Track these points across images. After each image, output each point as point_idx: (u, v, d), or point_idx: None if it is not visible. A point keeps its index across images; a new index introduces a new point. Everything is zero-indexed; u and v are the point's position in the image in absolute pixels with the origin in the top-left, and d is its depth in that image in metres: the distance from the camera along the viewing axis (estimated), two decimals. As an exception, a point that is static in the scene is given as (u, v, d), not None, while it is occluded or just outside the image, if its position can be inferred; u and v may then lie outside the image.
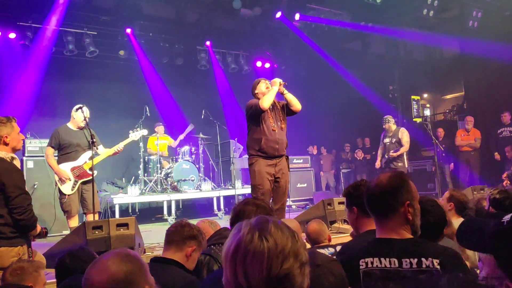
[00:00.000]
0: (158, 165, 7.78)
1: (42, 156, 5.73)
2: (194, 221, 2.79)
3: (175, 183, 7.56)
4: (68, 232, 4.71)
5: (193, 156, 8.21)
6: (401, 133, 7.41)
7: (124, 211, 7.58)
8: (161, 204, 7.60)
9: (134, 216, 5.08)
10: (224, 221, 6.58)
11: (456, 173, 8.72)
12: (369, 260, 1.62)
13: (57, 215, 5.15)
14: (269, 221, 1.02)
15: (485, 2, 9.10)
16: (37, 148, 6.34)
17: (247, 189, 7.75)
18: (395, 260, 1.58)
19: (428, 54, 11.89)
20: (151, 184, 7.58)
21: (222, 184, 8.76)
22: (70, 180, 4.91)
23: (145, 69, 9.47)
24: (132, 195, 7.27)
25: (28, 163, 6.28)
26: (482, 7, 9.06)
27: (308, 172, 9.64)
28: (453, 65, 11.08)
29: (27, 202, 2.86)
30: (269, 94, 4.45)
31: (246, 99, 4.74)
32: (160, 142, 8.02)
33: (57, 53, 8.27)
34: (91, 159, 4.82)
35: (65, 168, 4.93)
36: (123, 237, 3.73)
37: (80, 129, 5.06)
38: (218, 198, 7.90)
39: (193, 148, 8.26)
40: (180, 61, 9.60)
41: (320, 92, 11.28)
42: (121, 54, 9.10)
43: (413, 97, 11.15)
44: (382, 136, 7.72)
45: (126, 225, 3.80)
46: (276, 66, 10.98)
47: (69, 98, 7.27)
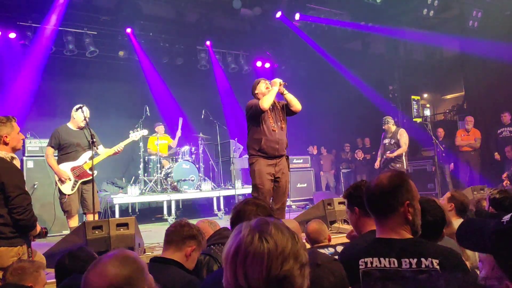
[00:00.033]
0: (158, 165, 7.78)
1: (42, 156, 5.73)
2: (194, 221, 2.79)
3: (175, 183, 7.55)
4: (68, 232, 4.71)
5: (193, 156, 8.22)
6: (400, 134, 7.42)
7: (124, 211, 7.58)
8: (161, 204, 7.60)
9: (134, 216, 5.09)
10: (224, 221, 6.58)
11: (456, 173, 8.71)
12: (369, 260, 1.62)
13: (57, 215, 5.14)
14: (269, 222, 1.02)
15: (485, 2, 9.09)
16: (37, 148, 6.35)
17: (247, 189, 7.75)
18: (394, 260, 1.58)
19: (428, 54, 11.87)
20: (151, 184, 7.58)
21: (222, 184, 8.76)
22: (70, 180, 4.91)
23: (145, 69, 9.47)
24: (132, 195, 7.27)
25: (28, 163, 6.28)
26: (482, 7, 9.06)
27: (308, 172, 9.63)
28: (453, 65, 11.07)
29: (26, 202, 2.85)
30: (269, 94, 4.45)
31: (246, 99, 4.74)
32: (160, 142, 8.01)
33: (57, 53, 8.27)
34: (91, 159, 4.82)
35: (65, 168, 4.93)
36: (123, 237, 3.72)
37: (80, 129, 5.06)
38: (218, 198, 7.89)
39: (193, 148, 8.27)
40: (180, 61, 9.61)
41: (320, 92, 11.28)
42: (120, 55, 9.10)
43: (413, 97, 11.14)
44: (382, 137, 7.74)
45: (126, 225, 3.79)
46: (276, 66, 10.98)
47: (69, 98, 7.26)
